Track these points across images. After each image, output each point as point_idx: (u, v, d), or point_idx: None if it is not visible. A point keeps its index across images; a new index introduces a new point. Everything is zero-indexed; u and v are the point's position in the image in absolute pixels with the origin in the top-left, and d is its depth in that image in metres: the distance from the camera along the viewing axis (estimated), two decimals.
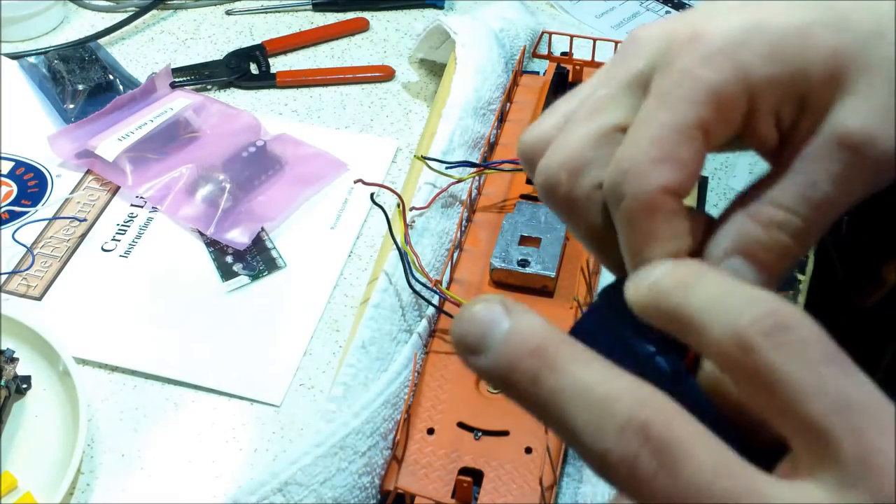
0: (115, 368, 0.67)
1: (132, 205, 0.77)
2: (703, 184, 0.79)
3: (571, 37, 0.81)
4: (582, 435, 0.26)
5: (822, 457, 0.25)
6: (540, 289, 0.64)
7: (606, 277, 0.66)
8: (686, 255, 0.31)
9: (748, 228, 0.31)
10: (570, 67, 0.77)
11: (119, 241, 0.75)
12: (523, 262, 0.64)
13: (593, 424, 0.26)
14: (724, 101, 0.31)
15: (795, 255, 0.31)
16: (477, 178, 0.70)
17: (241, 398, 0.66)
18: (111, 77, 0.87)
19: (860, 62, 0.31)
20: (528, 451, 0.56)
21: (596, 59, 0.80)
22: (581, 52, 0.81)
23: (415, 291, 0.61)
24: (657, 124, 0.31)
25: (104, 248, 0.74)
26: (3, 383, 0.61)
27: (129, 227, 0.76)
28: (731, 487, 0.25)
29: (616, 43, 0.79)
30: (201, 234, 0.75)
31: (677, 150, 0.31)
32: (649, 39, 0.33)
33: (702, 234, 0.32)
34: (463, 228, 0.68)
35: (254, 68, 0.90)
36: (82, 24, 0.95)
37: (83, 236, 0.75)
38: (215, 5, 0.98)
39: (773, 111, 0.32)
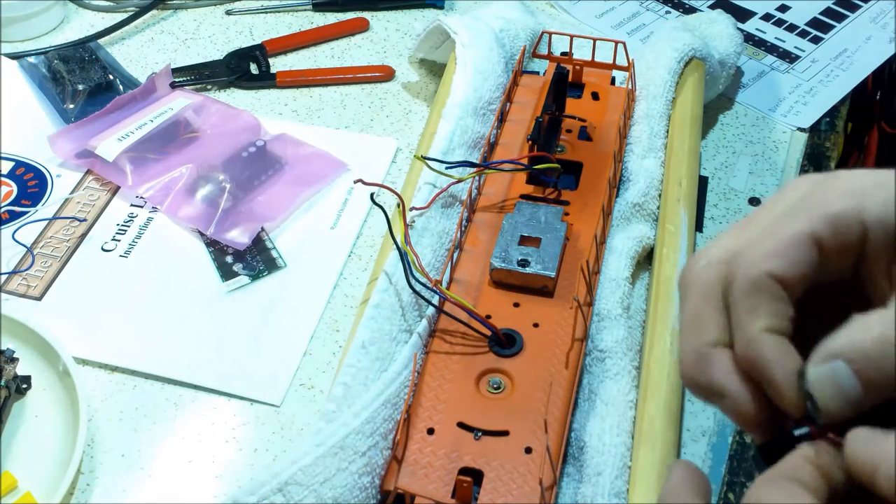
0: (115, 368, 0.67)
1: (132, 205, 0.77)
2: (703, 184, 0.79)
3: (571, 37, 0.81)
4: None
5: None
6: (540, 289, 0.64)
7: (606, 277, 0.66)
8: (785, 337, 0.35)
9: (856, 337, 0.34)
10: (570, 67, 0.77)
11: (119, 241, 0.75)
12: (523, 262, 0.64)
13: None
14: (839, 224, 0.36)
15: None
16: (477, 178, 0.70)
17: (241, 398, 0.66)
18: (111, 77, 0.87)
19: None
20: (528, 451, 0.56)
21: (596, 59, 0.80)
22: (581, 52, 0.81)
23: (415, 291, 0.61)
24: (781, 228, 0.37)
25: (104, 248, 0.75)
26: (3, 383, 0.61)
27: (129, 227, 0.76)
28: None
29: (616, 43, 0.79)
30: (201, 234, 0.75)
31: (787, 249, 0.36)
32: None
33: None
34: (463, 228, 0.68)
35: (254, 68, 0.90)
36: (82, 24, 0.95)
37: (83, 236, 0.75)
38: (215, 5, 0.98)
39: (885, 257, 0.36)
